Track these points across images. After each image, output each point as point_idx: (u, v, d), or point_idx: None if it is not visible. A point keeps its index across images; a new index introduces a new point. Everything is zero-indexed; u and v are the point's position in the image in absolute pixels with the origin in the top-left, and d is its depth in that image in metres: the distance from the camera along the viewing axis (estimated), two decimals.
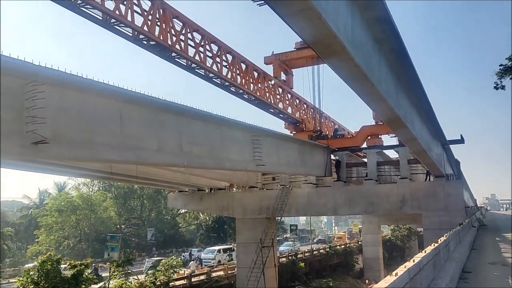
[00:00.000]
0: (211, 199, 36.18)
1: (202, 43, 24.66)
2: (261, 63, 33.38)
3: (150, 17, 20.69)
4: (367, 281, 42.77)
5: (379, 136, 36.52)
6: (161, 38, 21.29)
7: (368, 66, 12.14)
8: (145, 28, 20.39)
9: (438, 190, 29.00)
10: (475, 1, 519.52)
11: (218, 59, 26.04)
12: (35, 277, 23.33)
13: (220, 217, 73.88)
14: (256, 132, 22.72)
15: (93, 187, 72.60)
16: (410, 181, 30.37)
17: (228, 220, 74.19)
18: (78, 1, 17.88)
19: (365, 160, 34.11)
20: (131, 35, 20.35)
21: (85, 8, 18.20)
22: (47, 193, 75.87)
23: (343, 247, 60.61)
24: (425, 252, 9.73)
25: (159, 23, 21.31)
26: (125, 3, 19.36)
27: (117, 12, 18.89)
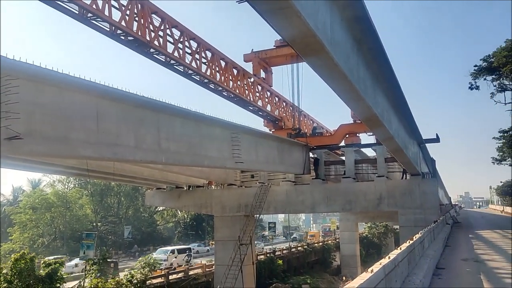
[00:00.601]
0: (189, 197, 36.05)
1: (181, 39, 24.47)
2: (240, 61, 33.39)
3: (128, 12, 20.43)
4: (344, 278, 43.12)
5: (357, 134, 36.92)
6: (139, 33, 21.05)
7: (346, 65, 12.21)
8: (123, 23, 20.12)
9: (414, 188, 29.45)
10: (465, 1, 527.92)
11: (197, 56, 25.89)
12: (8, 276, 22.86)
13: (198, 214, 73.70)
14: (235, 129, 22.70)
15: (69, 184, 71.52)
16: (387, 179, 30.74)
17: (206, 217, 74.07)
18: None
19: (343, 158, 34.41)
20: (108, 30, 20.06)
21: (61, 1, 17.87)
22: (21, 190, 74.59)
23: (320, 244, 61.10)
24: (401, 249, 9.88)
25: (137, 19, 21.06)
26: None
27: (94, 6, 18.60)
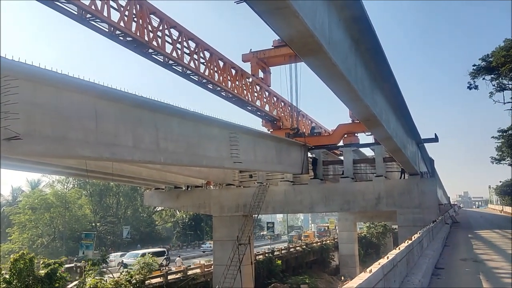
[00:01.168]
0: (188, 197, 36.06)
1: (179, 40, 24.48)
2: (239, 61, 33.41)
3: (126, 13, 20.43)
4: (343, 278, 43.17)
5: (356, 134, 36.92)
6: (138, 34, 21.06)
7: (345, 65, 12.23)
8: (122, 24, 20.12)
9: (412, 187, 29.47)
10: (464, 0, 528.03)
11: (195, 56, 25.89)
12: (7, 276, 22.84)
13: (197, 214, 73.72)
14: (233, 129, 22.71)
15: (68, 185, 71.58)
16: (385, 179, 30.77)
17: (205, 217, 74.11)
18: None
19: (342, 158, 34.43)
20: (107, 30, 20.06)
21: (60, 2, 17.86)
22: (20, 190, 74.50)
23: (319, 244, 61.08)
24: (399, 249, 9.90)
25: (135, 19, 21.07)
26: None
27: (92, 7, 18.60)
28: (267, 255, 44.77)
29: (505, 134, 48.82)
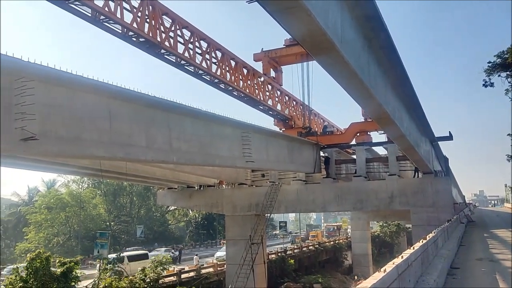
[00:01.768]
0: (200, 196, 36.19)
1: (191, 40, 24.57)
2: (250, 60, 33.38)
3: (139, 14, 20.57)
4: (356, 277, 43.01)
5: (368, 133, 36.72)
6: (150, 35, 21.19)
7: (357, 63, 12.19)
8: (135, 25, 20.26)
9: (426, 186, 29.24)
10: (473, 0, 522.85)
11: (207, 56, 25.96)
12: (23, 275, 23.13)
13: (209, 214, 73.93)
14: (245, 128, 22.75)
15: (83, 184, 72.26)
16: (398, 178, 30.58)
17: (217, 217, 74.29)
18: None
19: (354, 157, 34.26)
20: (120, 32, 20.21)
21: (74, 4, 18.04)
22: (36, 190, 75.30)
23: (332, 243, 60.89)
24: (414, 248, 9.83)
25: (148, 20, 21.20)
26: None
27: (106, 8, 18.75)
28: (279, 254, 44.80)
29: None
